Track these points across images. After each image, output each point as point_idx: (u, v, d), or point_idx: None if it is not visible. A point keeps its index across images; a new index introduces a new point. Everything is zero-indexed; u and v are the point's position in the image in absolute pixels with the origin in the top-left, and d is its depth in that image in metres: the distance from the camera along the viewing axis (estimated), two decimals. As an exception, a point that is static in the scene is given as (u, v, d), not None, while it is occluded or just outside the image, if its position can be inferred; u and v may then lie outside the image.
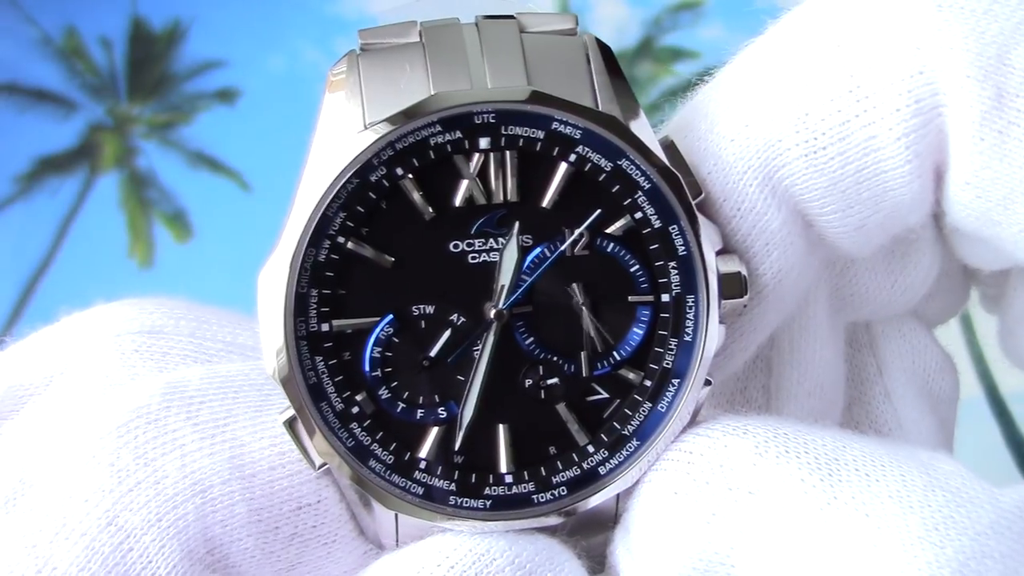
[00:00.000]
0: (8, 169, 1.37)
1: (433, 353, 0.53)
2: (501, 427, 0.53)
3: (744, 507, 0.49)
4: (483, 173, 0.52)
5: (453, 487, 0.53)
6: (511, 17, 0.53)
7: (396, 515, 0.52)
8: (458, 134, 0.51)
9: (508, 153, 0.52)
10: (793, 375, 0.58)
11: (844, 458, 0.49)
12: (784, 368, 0.59)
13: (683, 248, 0.53)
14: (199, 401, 0.52)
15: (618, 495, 0.53)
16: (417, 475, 0.53)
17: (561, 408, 0.54)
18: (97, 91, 1.41)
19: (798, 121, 0.52)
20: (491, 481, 0.53)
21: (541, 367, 0.54)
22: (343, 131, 0.51)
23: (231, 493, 0.50)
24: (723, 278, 0.53)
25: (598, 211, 0.53)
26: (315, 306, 0.52)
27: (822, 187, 0.52)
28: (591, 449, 0.54)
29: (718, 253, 0.53)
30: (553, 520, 0.53)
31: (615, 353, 0.54)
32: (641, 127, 0.52)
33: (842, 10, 0.52)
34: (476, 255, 0.53)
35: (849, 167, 0.52)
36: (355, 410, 0.52)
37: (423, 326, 0.53)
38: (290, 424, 0.51)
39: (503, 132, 0.52)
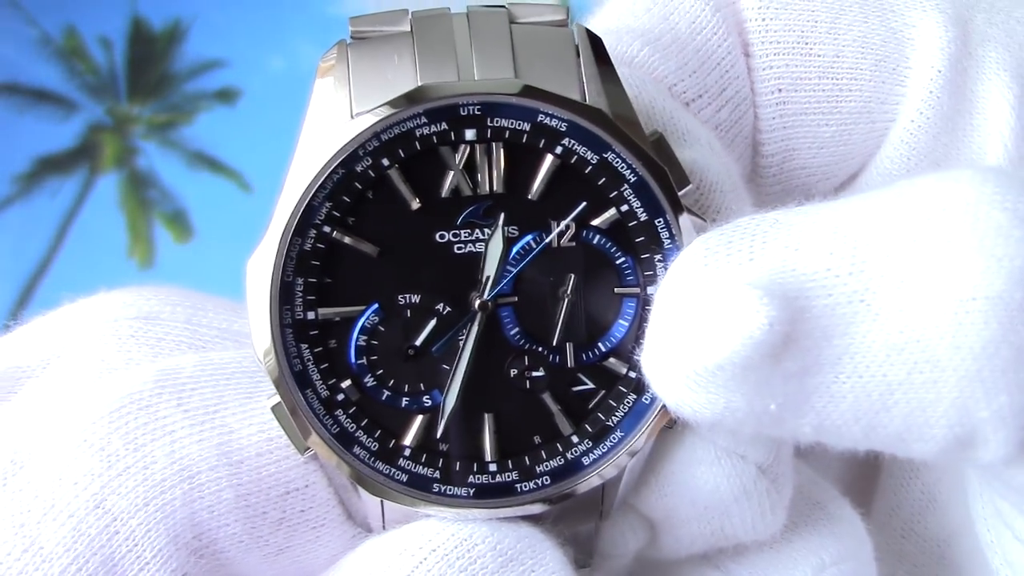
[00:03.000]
0: (8, 169, 1.38)
1: (418, 342, 0.53)
2: (486, 416, 0.54)
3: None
4: (470, 164, 0.53)
5: (437, 475, 0.53)
6: (502, 7, 0.54)
7: (382, 500, 0.52)
8: (444, 125, 0.52)
9: (494, 145, 0.53)
10: None
11: None
12: None
13: (669, 241, 0.53)
14: (191, 388, 0.52)
15: (603, 485, 0.54)
16: (401, 462, 0.53)
17: (546, 398, 0.54)
18: (97, 91, 1.41)
19: None
20: (475, 469, 0.54)
21: (526, 357, 0.54)
22: (331, 120, 0.51)
23: (218, 479, 0.51)
24: None
25: (584, 203, 0.53)
26: (301, 294, 0.52)
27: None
28: (575, 439, 0.54)
29: None
30: (536, 509, 0.53)
31: (600, 344, 0.54)
32: (629, 119, 0.53)
33: None
34: (462, 245, 0.53)
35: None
36: (340, 397, 0.53)
37: (409, 315, 0.53)
38: (277, 410, 0.51)
39: (489, 124, 0.52)
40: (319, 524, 0.53)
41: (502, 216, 0.53)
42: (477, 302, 0.53)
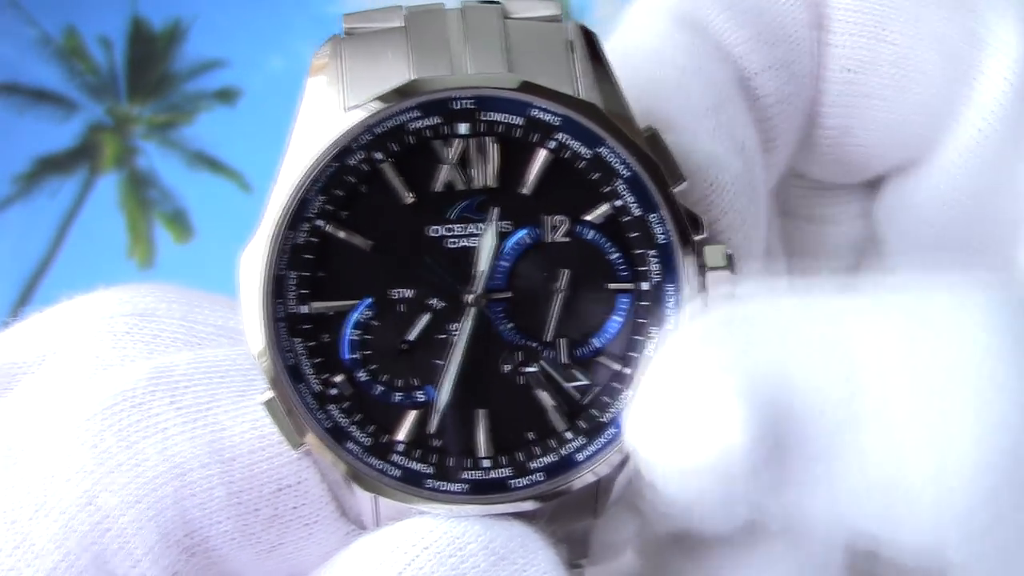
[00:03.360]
0: (8, 169, 1.38)
1: (411, 337, 0.53)
2: (480, 412, 0.54)
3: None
4: (463, 158, 0.53)
5: (430, 470, 0.53)
6: (496, 2, 0.54)
7: (375, 497, 0.52)
8: (437, 119, 0.52)
9: (487, 139, 0.53)
10: None
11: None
12: None
13: (663, 236, 0.53)
14: (184, 385, 0.52)
15: (597, 484, 0.54)
16: (394, 458, 0.53)
17: (540, 394, 0.54)
18: (97, 91, 1.41)
19: None
20: (468, 465, 0.53)
21: (520, 353, 0.54)
22: (323, 115, 0.51)
23: (210, 476, 0.50)
24: (706, 268, 0.53)
25: (577, 198, 0.53)
26: (294, 288, 0.52)
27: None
28: (569, 435, 0.54)
29: (703, 242, 0.53)
30: (529, 506, 0.53)
31: (594, 340, 0.54)
32: (622, 115, 0.52)
33: None
34: (455, 240, 0.53)
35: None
36: (333, 392, 0.53)
37: (402, 310, 0.53)
38: (269, 405, 0.51)
39: (482, 118, 0.52)
40: (312, 521, 0.52)
41: (495, 211, 0.53)
42: (470, 297, 0.53)
